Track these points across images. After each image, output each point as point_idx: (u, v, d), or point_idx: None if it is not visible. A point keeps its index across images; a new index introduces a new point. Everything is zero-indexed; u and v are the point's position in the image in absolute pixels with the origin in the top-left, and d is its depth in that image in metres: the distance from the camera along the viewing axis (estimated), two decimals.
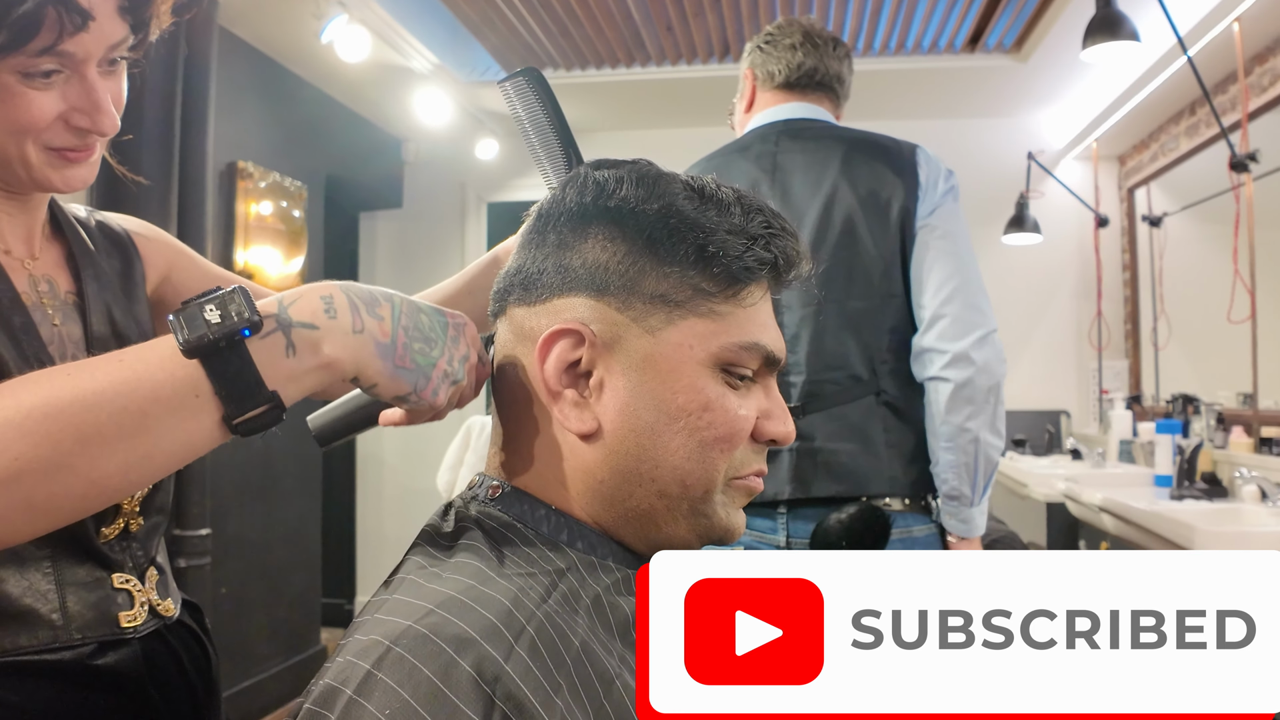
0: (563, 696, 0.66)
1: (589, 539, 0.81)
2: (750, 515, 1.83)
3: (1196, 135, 4.05)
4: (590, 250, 0.80)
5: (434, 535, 0.81)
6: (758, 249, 0.80)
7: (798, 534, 1.78)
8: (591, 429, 0.79)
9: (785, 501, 1.79)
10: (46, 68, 0.90)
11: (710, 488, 0.80)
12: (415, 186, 5.58)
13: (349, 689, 0.64)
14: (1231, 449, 3.45)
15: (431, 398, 0.81)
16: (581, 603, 0.74)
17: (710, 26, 4.14)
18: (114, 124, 0.96)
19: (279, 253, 4.07)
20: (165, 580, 1.10)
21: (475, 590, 0.70)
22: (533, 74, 1.13)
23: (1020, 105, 4.98)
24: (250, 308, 0.71)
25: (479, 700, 0.62)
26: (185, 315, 0.71)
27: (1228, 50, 3.41)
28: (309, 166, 4.39)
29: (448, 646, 0.65)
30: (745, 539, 1.80)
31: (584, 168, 0.85)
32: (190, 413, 0.71)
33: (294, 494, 4.32)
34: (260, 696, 3.90)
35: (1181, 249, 4.47)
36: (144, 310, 1.12)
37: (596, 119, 5.25)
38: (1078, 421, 5.10)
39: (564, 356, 0.79)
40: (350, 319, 0.76)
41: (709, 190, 0.81)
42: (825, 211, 1.83)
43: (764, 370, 0.83)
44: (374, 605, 0.73)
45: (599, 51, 4.42)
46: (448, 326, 0.83)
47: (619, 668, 0.71)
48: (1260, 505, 2.82)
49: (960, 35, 4.26)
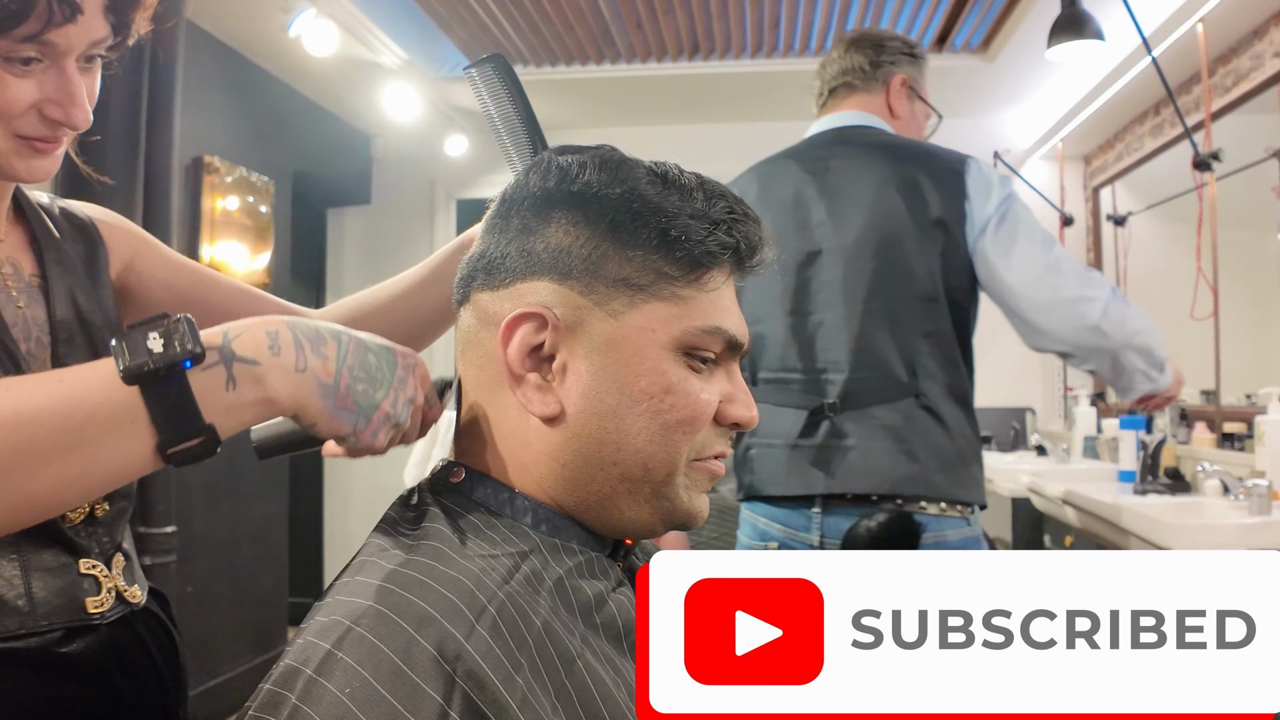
0: (523, 675, 0.67)
1: (552, 521, 0.82)
2: (784, 512, 1.83)
3: (1160, 135, 4.10)
4: (554, 235, 0.81)
5: (397, 519, 0.82)
6: (720, 234, 0.81)
7: (831, 533, 1.79)
8: (554, 412, 0.80)
9: (820, 498, 1.80)
10: (27, 54, 0.89)
11: (672, 470, 0.81)
12: (384, 182, 5.54)
13: (309, 669, 0.64)
14: (1194, 444, 3.50)
15: (371, 439, 0.82)
16: (544, 584, 0.75)
17: (680, 24, 4.14)
18: (87, 118, 0.96)
19: (245, 248, 4.04)
20: (132, 567, 1.10)
21: (437, 571, 0.71)
22: (499, 61, 1.13)
23: (987, 105, 5.02)
24: (194, 339, 0.72)
25: (440, 678, 0.63)
26: (129, 341, 0.71)
27: (1192, 51, 3.45)
28: (276, 162, 4.35)
29: (408, 625, 0.65)
30: (779, 536, 1.84)
31: (548, 153, 0.86)
32: (125, 437, 0.71)
33: (261, 492, 4.28)
34: (226, 696, 3.86)
35: (1145, 247, 4.53)
36: (108, 295, 1.12)
37: (566, 116, 5.24)
38: (1043, 418, 5.15)
39: (527, 340, 0.79)
40: (294, 356, 0.76)
41: (671, 175, 0.82)
42: (870, 215, 1.85)
43: (727, 354, 0.84)
44: (335, 587, 0.74)
45: (568, 48, 4.41)
46: (396, 366, 0.84)
47: (580, 648, 0.72)
48: (1222, 499, 2.85)
49: (928, 35, 4.28)
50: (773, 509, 1.88)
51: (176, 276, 1.20)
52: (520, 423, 0.82)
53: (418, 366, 0.87)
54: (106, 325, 1.07)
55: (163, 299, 1.17)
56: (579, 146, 0.86)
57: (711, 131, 5.37)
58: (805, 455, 1.82)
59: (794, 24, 4.15)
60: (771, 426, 1.88)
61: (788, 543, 1.82)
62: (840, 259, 1.86)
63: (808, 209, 1.91)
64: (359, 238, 5.58)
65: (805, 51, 4.48)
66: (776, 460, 1.87)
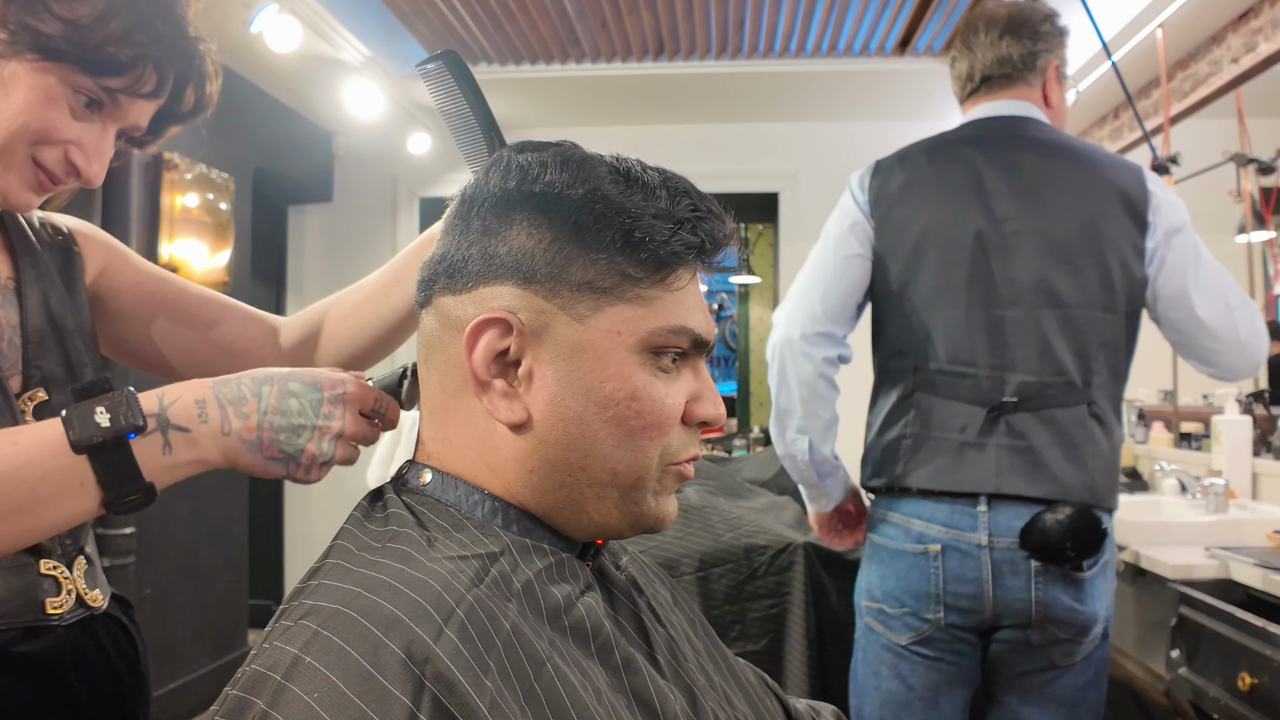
0: (492, 677, 0.66)
1: (522, 523, 0.81)
2: (945, 510, 1.79)
3: (1120, 139, 4.16)
4: (516, 237, 0.80)
5: (362, 521, 0.81)
6: (684, 233, 0.80)
7: (1001, 532, 1.75)
8: (521, 419, 0.79)
9: (986, 496, 1.77)
10: (96, 98, 0.99)
11: (644, 474, 0.81)
12: (346, 180, 5.49)
13: (277, 674, 0.64)
14: (1152, 444, 3.55)
15: (305, 476, 0.91)
16: (513, 587, 0.74)
17: (645, 25, 4.14)
18: (99, 176, 1.04)
19: (205, 246, 3.99)
20: (94, 571, 1.10)
21: (404, 574, 0.70)
22: (451, 57, 1.12)
23: (950, 109, 5.05)
24: (137, 412, 0.83)
25: (408, 681, 0.62)
26: (78, 415, 0.82)
27: (1151, 56, 3.50)
28: (237, 159, 4.31)
29: (376, 629, 0.65)
30: (940, 537, 1.79)
31: (507, 151, 0.85)
32: (74, 497, 0.82)
33: (220, 492, 4.24)
34: (186, 699, 3.82)
35: None
36: (84, 302, 1.13)
37: (530, 115, 5.22)
38: None
39: (492, 346, 0.79)
40: (220, 421, 0.87)
41: (634, 173, 0.81)
42: (1080, 220, 1.82)
43: (693, 352, 0.84)
44: (300, 591, 0.73)
45: (533, 46, 4.40)
46: (322, 403, 0.90)
47: (549, 651, 0.71)
48: (1180, 497, 2.90)
49: (890, 38, 4.31)
50: (932, 506, 1.81)
51: (146, 284, 1.22)
52: (487, 429, 0.81)
53: (348, 393, 0.91)
54: (79, 331, 1.09)
55: (132, 304, 1.20)
56: (538, 143, 0.85)
57: (676, 132, 5.37)
58: (980, 451, 1.78)
59: (758, 26, 4.16)
60: (941, 418, 1.83)
61: (952, 544, 1.77)
62: (1037, 258, 1.81)
63: (993, 200, 1.84)
64: (320, 236, 5.53)
65: (769, 53, 4.49)
66: (945, 454, 1.81)
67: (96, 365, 1.10)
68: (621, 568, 0.92)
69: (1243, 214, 3.33)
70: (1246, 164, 3.18)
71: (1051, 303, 1.80)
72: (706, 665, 0.92)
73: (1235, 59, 3.21)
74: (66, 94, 0.97)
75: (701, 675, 0.88)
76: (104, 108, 1.00)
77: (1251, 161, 3.14)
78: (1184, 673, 2.07)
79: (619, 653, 0.78)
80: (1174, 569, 2.16)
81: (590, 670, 0.74)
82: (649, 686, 0.77)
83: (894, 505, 1.87)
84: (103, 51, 0.96)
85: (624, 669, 0.77)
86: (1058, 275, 1.80)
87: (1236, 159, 3.23)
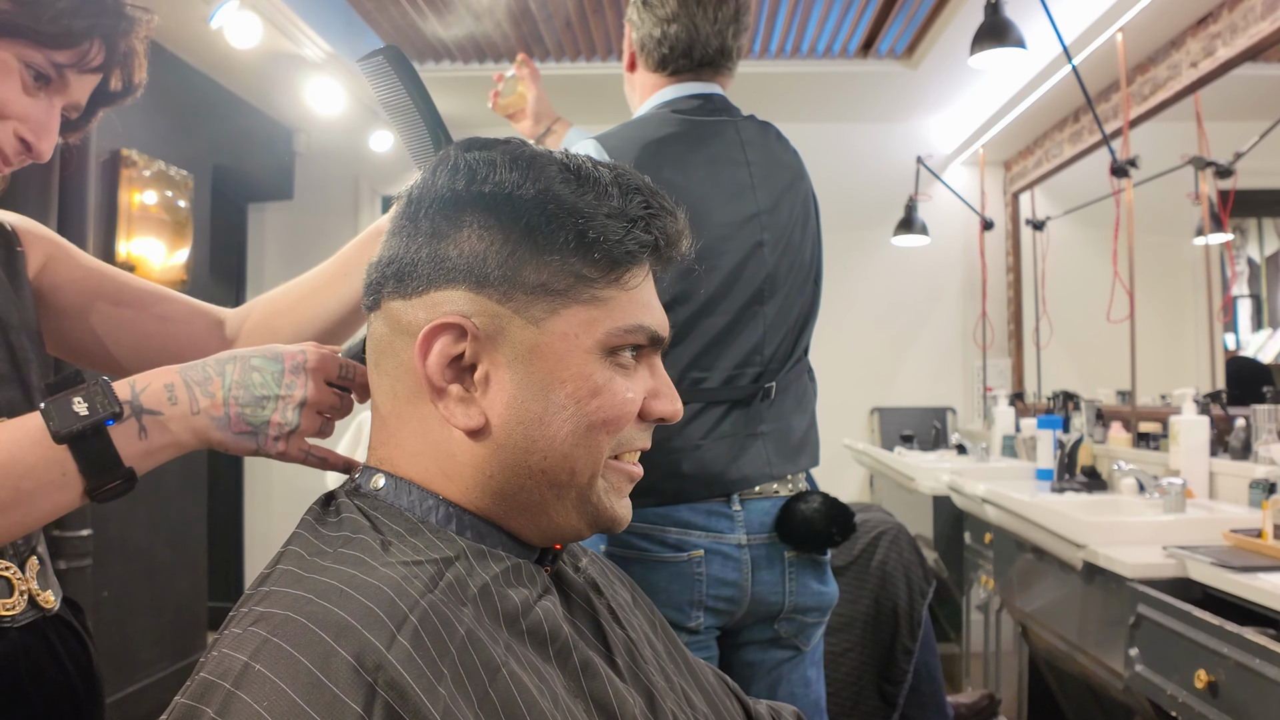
0: (446, 685, 0.65)
1: (478, 528, 0.80)
2: (702, 515, 1.67)
3: (1079, 142, 4.20)
4: (466, 240, 0.78)
5: (314, 525, 0.80)
6: (638, 231, 0.79)
7: (756, 529, 1.68)
8: (479, 424, 0.78)
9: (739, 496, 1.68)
10: (45, 73, 1.00)
11: (595, 471, 0.80)
12: (306, 178, 5.44)
13: (226, 682, 0.63)
14: (1110, 443, 3.58)
15: (275, 449, 0.92)
16: (468, 591, 0.74)
17: (609, 25, 4.14)
18: (49, 152, 1.05)
19: (163, 244, 3.94)
20: (46, 572, 1.09)
21: (356, 579, 0.69)
22: (392, 52, 1.10)
23: (911, 111, 5.10)
24: (113, 399, 0.84)
25: (359, 689, 0.62)
26: (56, 407, 0.83)
27: (1111, 60, 3.54)
28: (196, 155, 4.25)
29: (326, 635, 0.64)
30: (703, 542, 1.65)
31: (454, 149, 0.83)
32: (57, 487, 0.84)
33: (179, 493, 4.18)
34: (144, 702, 3.77)
35: (1063, 251, 4.63)
36: (28, 298, 1.13)
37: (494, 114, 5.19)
38: (963, 418, 5.25)
39: (446, 351, 0.78)
40: (188, 403, 0.89)
41: (585, 171, 0.80)
42: (793, 203, 1.77)
43: (649, 349, 0.84)
44: (251, 597, 0.72)
45: (496, 45, 4.38)
46: (284, 374, 0.91)
47: (505, 656, 0.71)
48: (1137, 497, 2.93)
49: (854, 41, 4.34)
50: (688, 511, 1.68)
51: (88, 279, 1.21)
52: (442, 435, 0.80)
53: (308, 361, 0.92)
54: (23, 326, 1.09)
55: (74, 300, 1.20)
56: (486, 141, 0.83)
57: None
58: (730, 448, 1.69)
59: None
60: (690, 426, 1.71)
61: (714, 548, 1.66)
62: (776, 247, 1.73)
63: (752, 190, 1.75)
64: (281, 234, 5.48)
65: None
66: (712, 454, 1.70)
67: (42, 361, 1.09)
68: (581, 569, 0.91)
69: (1201, 217, 3.37)
70: (1205, 167, 3.22)
71: (792, 288, 1.75)
72: (666, 666, 0.92)
73: (1194, 63, 3.25)
74: (19, 69, 0.98)
75: (661, 677, 0.87)
76: (51, 83, 1.01)
77: (1210, 165, 3.18)
78: (1142, 670, 2.09)
79: (577, 656, 0.77)
80: (1132, 568, 2.18)
81: (548, 674, 0.74)
82: (607, 690, 0.77)
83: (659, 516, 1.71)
84: (56, 24, 0.97)
85: (582, 672, 0.77)
86: (795, 257, 1.76)
87: (1195, 162, 3.27)
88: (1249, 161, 3.07)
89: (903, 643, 3.26)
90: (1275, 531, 2.14)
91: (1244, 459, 2.77)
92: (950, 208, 5.16)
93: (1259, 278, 3.40)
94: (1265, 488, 2.45)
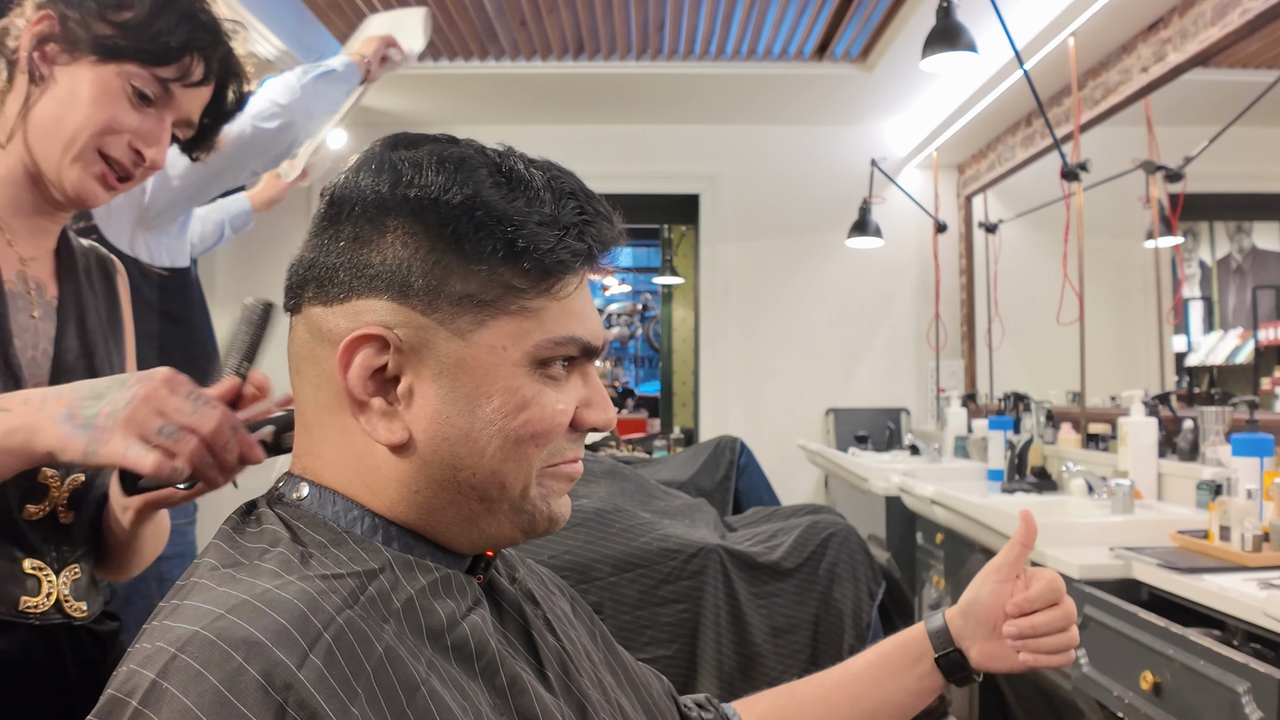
0: (360, 705, 0.63)
1: (404, 539, 0.77)
2: None
3: (1031, 146, 4.24)
4: (390, 247, 0.74)
5: (231, 535, 0.76)
6: (570, 239, 0.75)
7: None
8: (402, 439, 0.74)
9: None
10: (150, 91, 1.08)
11: (527, 483, 0.77)
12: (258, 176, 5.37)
13: (134, 700, 0.61)
14: (1060, 444, 3.61)
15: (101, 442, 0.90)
16: (391, 606, 0.71)
17: (565, 24, 4.12)
18: (161, 162, 1.11)
19: None
20: (85, 583, 1.11)
21: (270, 594, 0.66)
22: (270, 309, 1.04)
23: (865, 114, 5.12)
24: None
25: (268, 708, 0.60)
26: None
27: (1063, 64, 3.57)
28: None
29: (235, 652, 0.61)
30: None
31: (380, 146, 0.79)
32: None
33: None
34: None
35: (1015, 254, 4.67)
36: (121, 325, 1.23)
37: (447, 112, 5.17)
38: (916, 419, 5.28)
39: (368, 363, 0.74)
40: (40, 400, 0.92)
41: (517, 173, 0.76)
42: None
43: (582, 359, 0.80)
44: (162, 610, 0.69)
45: (451, 43, 4.35)
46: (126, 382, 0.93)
47: (426, 674, 0.68)
48: (1086, 498, 2.95)
49: (809, 44, 4.34)
50: None
51: None
52: (365, 448, 0.76)
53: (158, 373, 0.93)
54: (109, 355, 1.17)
55: None
56: (414, 137, 0.79)
57: (598, 132, 5.35)
58: None
59: (678, 27, 4.16)
60: None
61: None
62: None
63: None
64: None
65: (690, 55, 4.50)
66: None
67: None
68: (517, 579, 0.88)
69: (1151, 220, 3.40)
70: (1155, 171, 3.25)
71: None
72: (604, 677, 0.90)
73: (1145, 68, 3.28)
74: (125, 87, 1.07)
75: (595, 689, 0.85)
76: (158, 100, 1.09)
77: (1160, 169, 3.22)
78: (1089, 671, 2.10)
79: (505, 672, 0.74)
80: (1079, 569, 2.19)
81: (472, 692, 0.71)
82: (534, 707, 0.74)
83: None
84: (156, 43, 1.06)
85: (509, 689, 0.74)
86: None
87: (1145, 166, 3.31)
88: (1199, 166, 3.10)
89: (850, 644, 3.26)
90: (1221, 533, 2.16)
91: (1192, 460, 2.80)
92: (904, 210, 5.19)
93: (1210, 280, 3.44)
94: (1212, 489, 2.47)
